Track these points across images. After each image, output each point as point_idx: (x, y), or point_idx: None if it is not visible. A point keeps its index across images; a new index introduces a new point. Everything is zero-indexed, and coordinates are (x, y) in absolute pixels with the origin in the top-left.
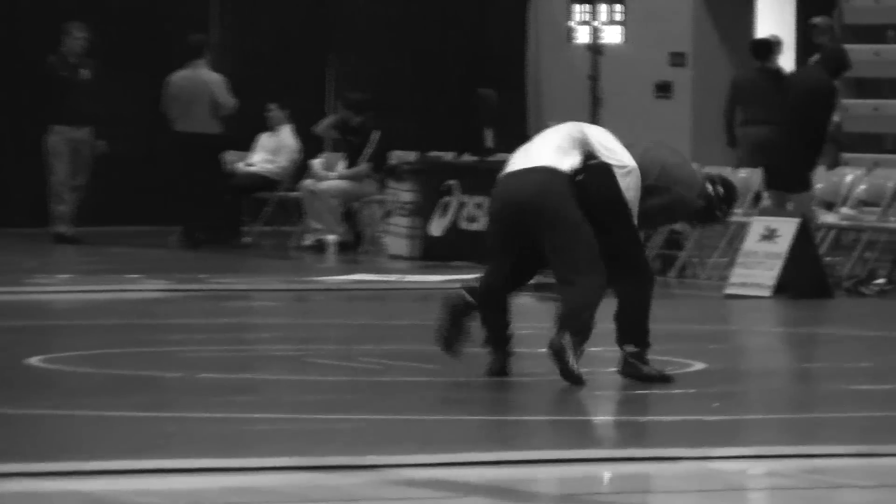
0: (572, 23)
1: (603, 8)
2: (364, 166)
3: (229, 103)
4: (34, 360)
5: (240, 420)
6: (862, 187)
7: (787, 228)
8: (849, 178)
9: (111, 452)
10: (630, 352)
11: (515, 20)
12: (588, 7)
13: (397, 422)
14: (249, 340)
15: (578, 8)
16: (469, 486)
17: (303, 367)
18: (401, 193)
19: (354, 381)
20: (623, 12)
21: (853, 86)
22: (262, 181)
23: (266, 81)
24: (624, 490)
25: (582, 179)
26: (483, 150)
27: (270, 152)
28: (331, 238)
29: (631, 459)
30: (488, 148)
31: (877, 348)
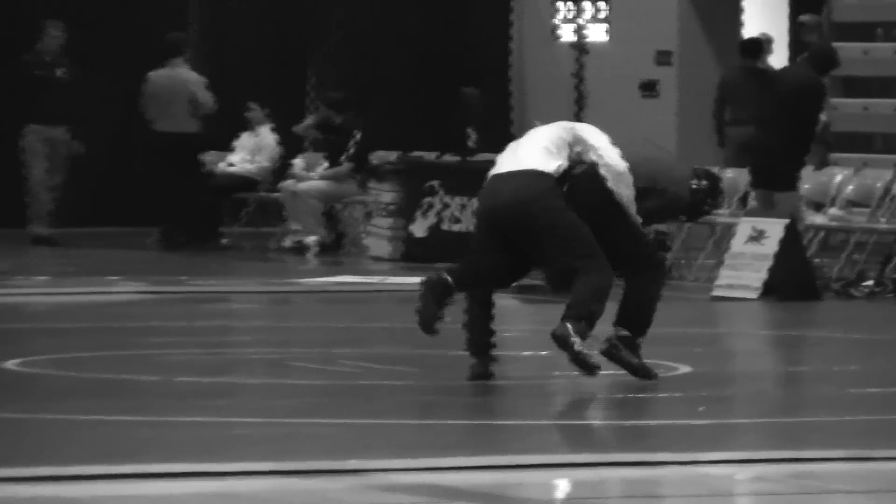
0: (557, 21)
1: (588, 6)
2: (345, 166)
3: (209, 102)
4: (10, 364)
5: (218, 424)
6: (851, 188)
7: (775, 229)
8: (837, 179)
9: (87, 457)
10: (622, 335)
11: (499, 18)
12: (573, 5)
13: (378, 426)
14: (228, 343)
15: (563, 6)
16: (451, 491)
17: (283, 371)
18: (383, 194)
19: (335, 385)
20: (608, 10)
21: (841, 84)
22: (242, 181)
23: (246, 80)
24: (609, 495)
25: (570, 189)
26: (466, 150)
27: (250, 152)
28: (311, 239)
29: (616, 464)
30: (471, 148)
31: (866, 351)
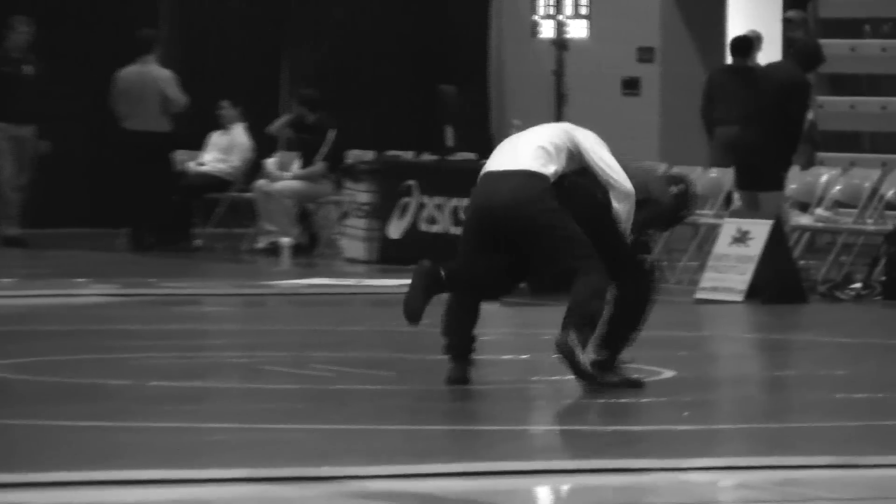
0: (536, 17)
1: (568, 1)
2: (319, 166)
3: (180, 100)
4: None
5: (190, 430)
6: (838, 188)
7: (760, 230)
8: (824, 179)
9: (57, 464)
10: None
11: (477, 14)
12: (553, 0)
13: (353, 431)
14: (200, 347)
15: (543, 1)
16: (429, 498)
17: (255, 375)
18: (358, 194)
19: (309, 390)
20: (589, 6)
21: (828, 82)
22: (214, 181)
23: (218, 78)
24: (591, 503)
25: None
26: (444, 149)
27: (222, 151)
28: (285, 240)
29: (598, 471)
30: (449, 147)
31: (853, 355)
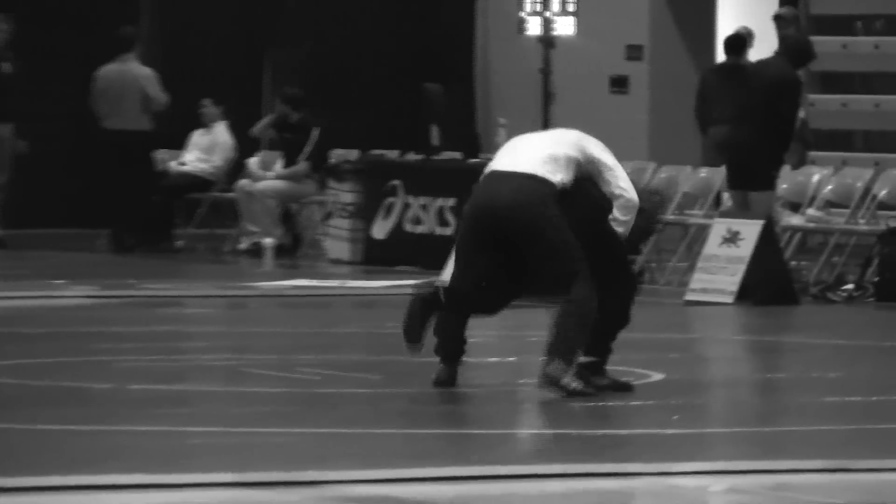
0: (523, 13)
1: None
2: (303, 165)
3: (161, 99)
4: None
5: (173, 434)
6: (829, 187)
7: (750, 231)
8: (815, 178)
9: (38, 468)
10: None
11: (463, 10)
12: None
13: (339, 435)
14: (183, 349)
15: None
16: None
17: (239, 378)
18: (342, 194)
19: (293, 393)
20: (576, 2)
21: (819, 80)
22: (196, 181)
23: (200, 76)
24: None
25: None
26: (429, 149)
27: (204, 151)
28: (268, 241)
29: (587, 475)
30: (434, 146)
31: (845, 357)
